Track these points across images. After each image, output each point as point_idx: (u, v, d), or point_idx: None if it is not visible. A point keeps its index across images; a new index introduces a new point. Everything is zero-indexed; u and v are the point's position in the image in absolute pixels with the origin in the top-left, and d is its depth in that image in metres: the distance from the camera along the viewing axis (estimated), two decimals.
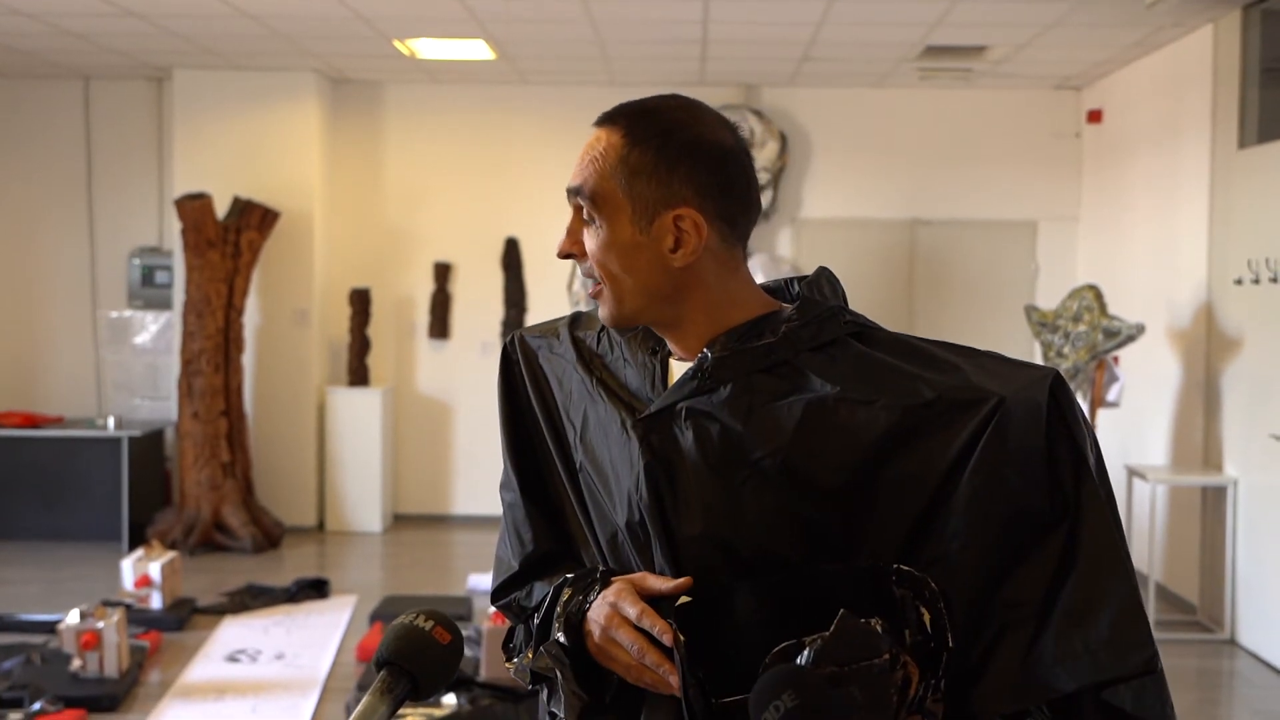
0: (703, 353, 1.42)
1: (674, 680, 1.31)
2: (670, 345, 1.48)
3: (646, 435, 1.41)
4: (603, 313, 1.47)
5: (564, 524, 1.56)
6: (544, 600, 1.49)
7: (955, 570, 1.31)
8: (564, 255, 1.47)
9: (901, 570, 1.31)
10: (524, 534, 1.58)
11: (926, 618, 1.29)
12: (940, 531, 1.32)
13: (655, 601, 1.37)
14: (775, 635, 1.29)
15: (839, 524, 1.35)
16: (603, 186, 1.42)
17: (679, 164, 1.40)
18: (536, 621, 1.47)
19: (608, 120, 1.46)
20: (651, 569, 1.40)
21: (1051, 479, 1.32)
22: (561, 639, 1.40)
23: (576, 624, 1.41)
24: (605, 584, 1.41)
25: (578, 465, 1.51)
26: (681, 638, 1.32)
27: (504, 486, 1.62)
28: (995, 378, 1.36)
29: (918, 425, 1.34)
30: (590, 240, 1.43)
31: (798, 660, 1.25)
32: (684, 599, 1.35)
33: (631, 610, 1.35)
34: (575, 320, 1.62)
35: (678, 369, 1.46)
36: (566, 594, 1.44)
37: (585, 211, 1.43)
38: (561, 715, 1.40)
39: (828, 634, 1.26)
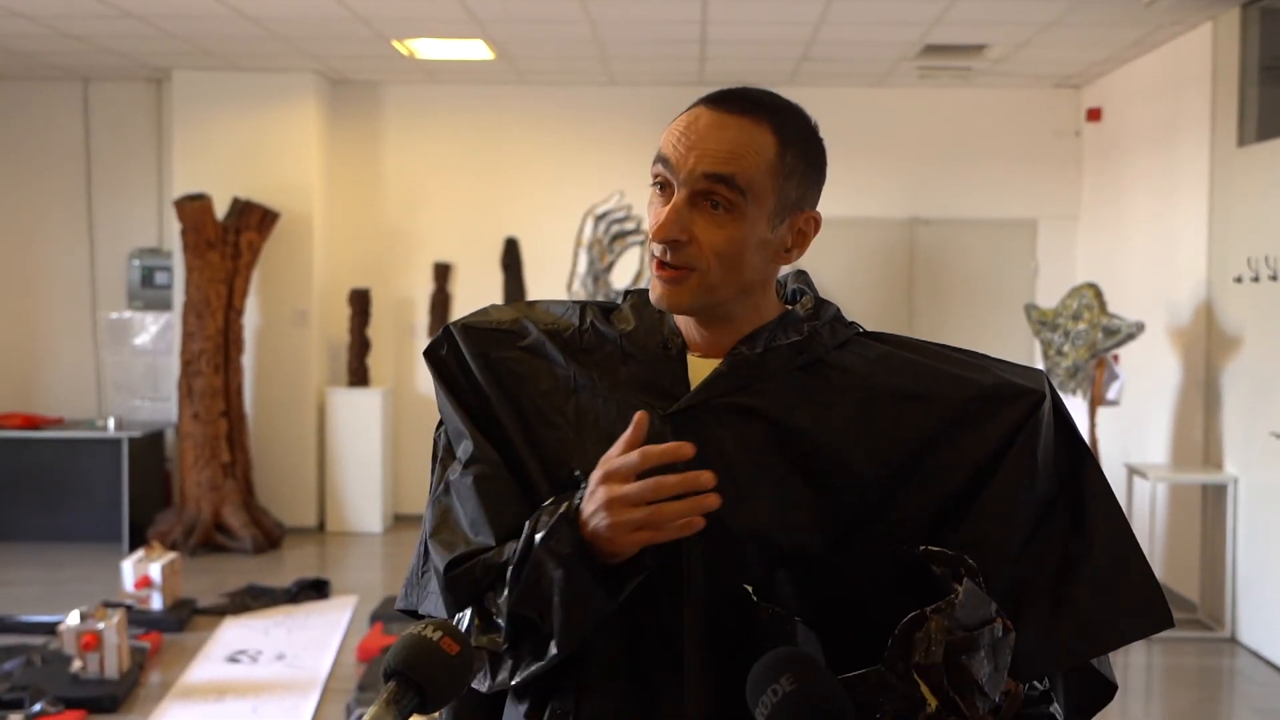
0: (736, 349, 1.43)
1: (707, 479, 1.28)
2: (698, 339, 1.46)
3: (680, 432, 1.39)
4: (676, 297, 1.39)
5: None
6: (514, 549, 1.37)
7: (990, 550, 1.37)
8: (668, 240, 1.37)
9: (932, 550, 1.34)
10: (503, 506, 1.41)
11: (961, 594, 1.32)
12: (979, 515, 1.39)
13: (674, 603, 1.36)
14: (811, 622, 1.31)
15: (874, 513, 1.39)
16: (757, 181, 1.37)
17: (818, 168, 1.44)
18: (510, 568, 1.35)
19: (747, 110, 1.39)
20: (678, 567, 1.37)
21: (1056, 461, 1.43)
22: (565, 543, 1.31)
23: (572, 523, 1.31)
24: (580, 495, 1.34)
25: (573, 465, 1.43)
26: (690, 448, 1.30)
27: (473, 461, 1.44)
28: (1014, 374, 1.46)
29: (963, 418, 1.41)
30: (710, 228, 1.37)
31: (922, 628, 1.27)
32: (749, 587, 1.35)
33: (631, 458, 1.29)
34: (530, 312, 1.53)
35: (695, 364, 1.45)
36: (545, 517, 1.34)
37: (718, 199, 1.36)
38: (531, 668, 1.33)
39: (957, 599, 1.28)
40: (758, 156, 1.37)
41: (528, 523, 1.35)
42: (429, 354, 1.52)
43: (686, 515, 1.29)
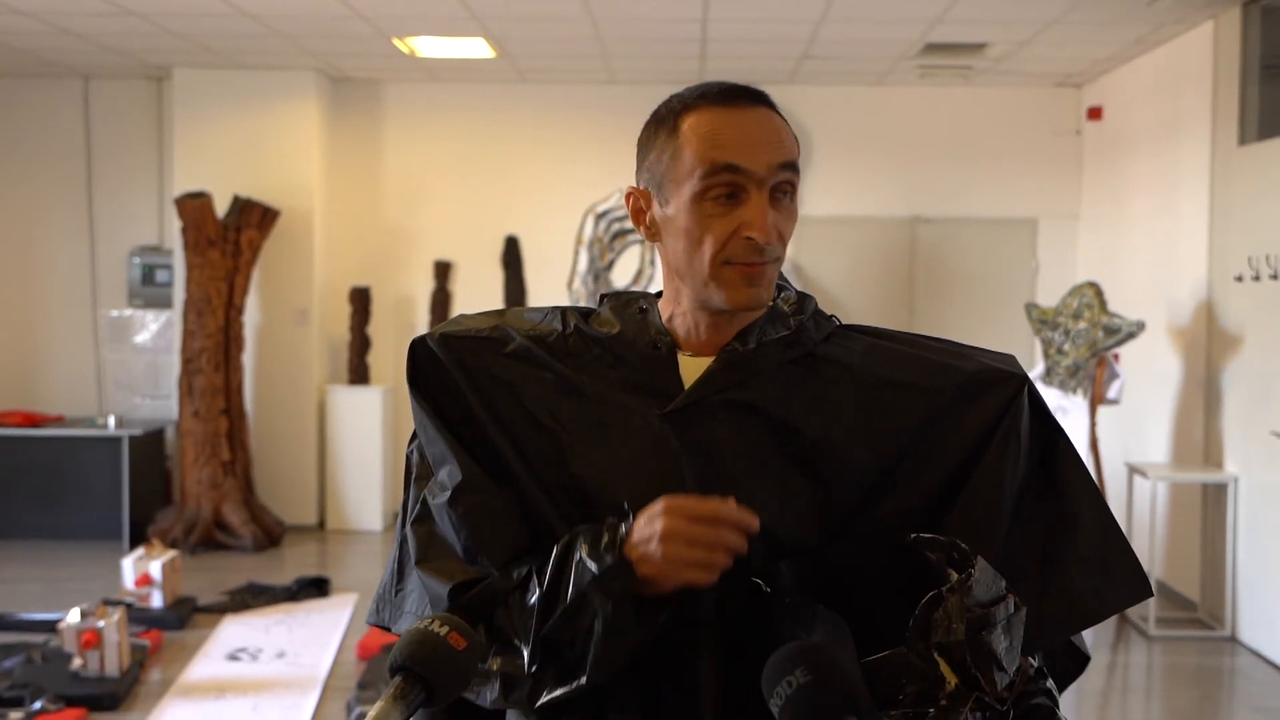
0: (729, 346, 1.44)
1: (756, 522, 1.30)
2: (694, 338, 1.46)
3: (680, 429, 1.40)
4: (763, 296, 1.41)
5: (536, 533, 1.41)
6: (530, 574, 1.34)
7: (981, 532, 1.38)
8: (774, 241, 1.39)
9: (923, 537, 1.35)
10: (499, 534, 1.39)
11: (954, 578, 1.33)
12: (968, 499, 1.40)
13: (682, 599, 1.35)
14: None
15: (872, 502, 1.40)
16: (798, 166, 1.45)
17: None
18: (538, 592, 1.32)
19: (766, 100, 1.45)
20: None
21: (1033, 441, 1.46)
22: (610, 562, 1.28)
23: (623, 559, 1.28)
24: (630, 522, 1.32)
25: (570, 469, 1.41)
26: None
27: (462, 489, 1.40)
28: (992, 359, 1.49)
29: (951, 404, 1.43)
30: (784, 217, 1.43)
31: (940, 608, 1.29)
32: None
33: (709, 505, 1.29)
34: (505, 320, 1.51)
35: (685, 363, 1.45)
36: (585, 546, 1.31)
37: (787, 187, 1.42)
38: (568, 686, 1.31)
39: (972, 578, 1.30)
40: (795, 140, 1.44)
41: (557, 546, 1.33)
42: (420, 362, 1.49)
43: (729, 560, 1.30)
